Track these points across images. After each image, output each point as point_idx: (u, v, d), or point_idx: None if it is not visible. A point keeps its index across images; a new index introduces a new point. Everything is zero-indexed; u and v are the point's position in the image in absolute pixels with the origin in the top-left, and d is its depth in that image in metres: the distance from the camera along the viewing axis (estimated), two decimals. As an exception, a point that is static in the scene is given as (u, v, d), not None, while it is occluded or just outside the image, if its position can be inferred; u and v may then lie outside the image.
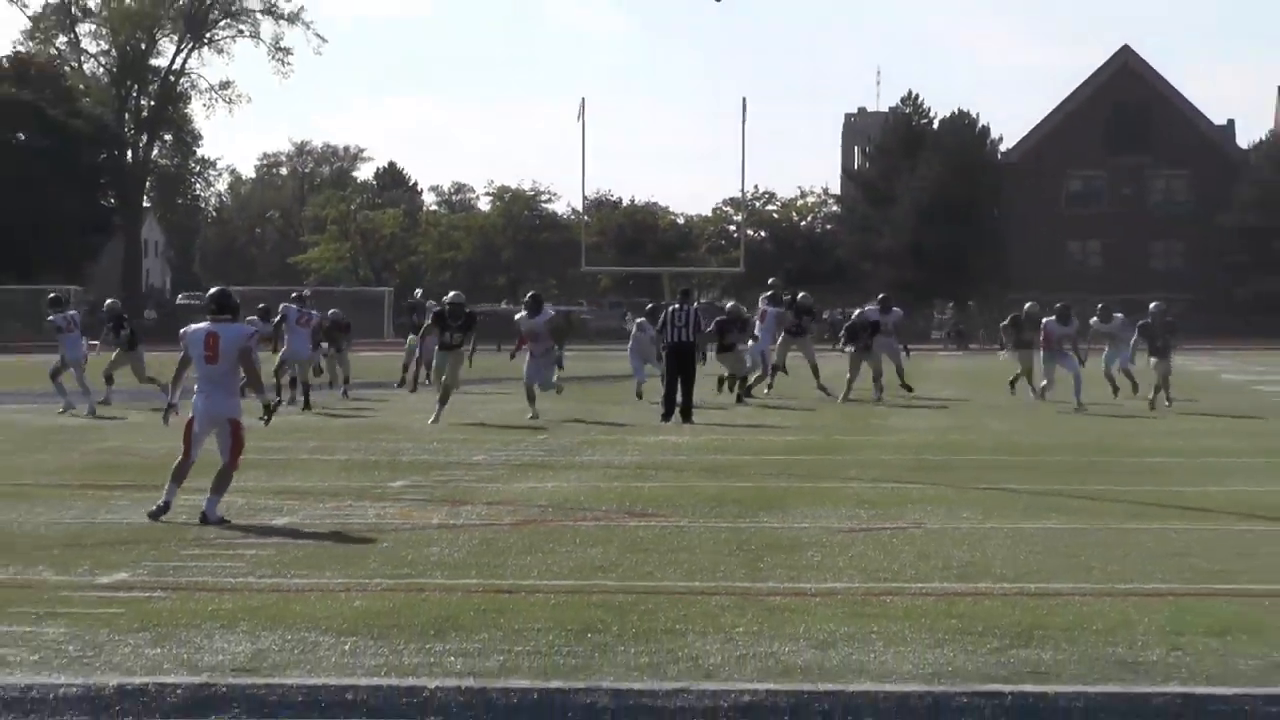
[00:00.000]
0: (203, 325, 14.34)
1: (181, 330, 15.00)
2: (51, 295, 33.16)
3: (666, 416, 25.61)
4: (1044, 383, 30.24)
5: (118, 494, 16.61)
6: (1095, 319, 31.20)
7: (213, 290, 15.52)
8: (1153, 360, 28.71)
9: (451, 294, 28.73)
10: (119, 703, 7.64)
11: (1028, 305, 32.41)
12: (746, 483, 17.83)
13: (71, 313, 30.61)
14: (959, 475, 18.85)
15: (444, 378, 25.54)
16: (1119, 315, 32.10)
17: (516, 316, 28.42)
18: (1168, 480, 18.28)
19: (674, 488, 17.47)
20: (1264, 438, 24.04)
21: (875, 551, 12.62)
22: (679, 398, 25.99)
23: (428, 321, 28.65)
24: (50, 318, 29.72)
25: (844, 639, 9.04)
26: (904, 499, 16.28)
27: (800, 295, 34.63)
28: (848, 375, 31.43)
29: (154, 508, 13.86)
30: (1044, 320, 29.50)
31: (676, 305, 28.02)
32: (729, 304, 35.10)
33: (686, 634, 9.16)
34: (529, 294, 29.43)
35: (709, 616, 9.77)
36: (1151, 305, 29.88)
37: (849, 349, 31.42)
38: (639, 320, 34.16)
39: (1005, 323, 33.18)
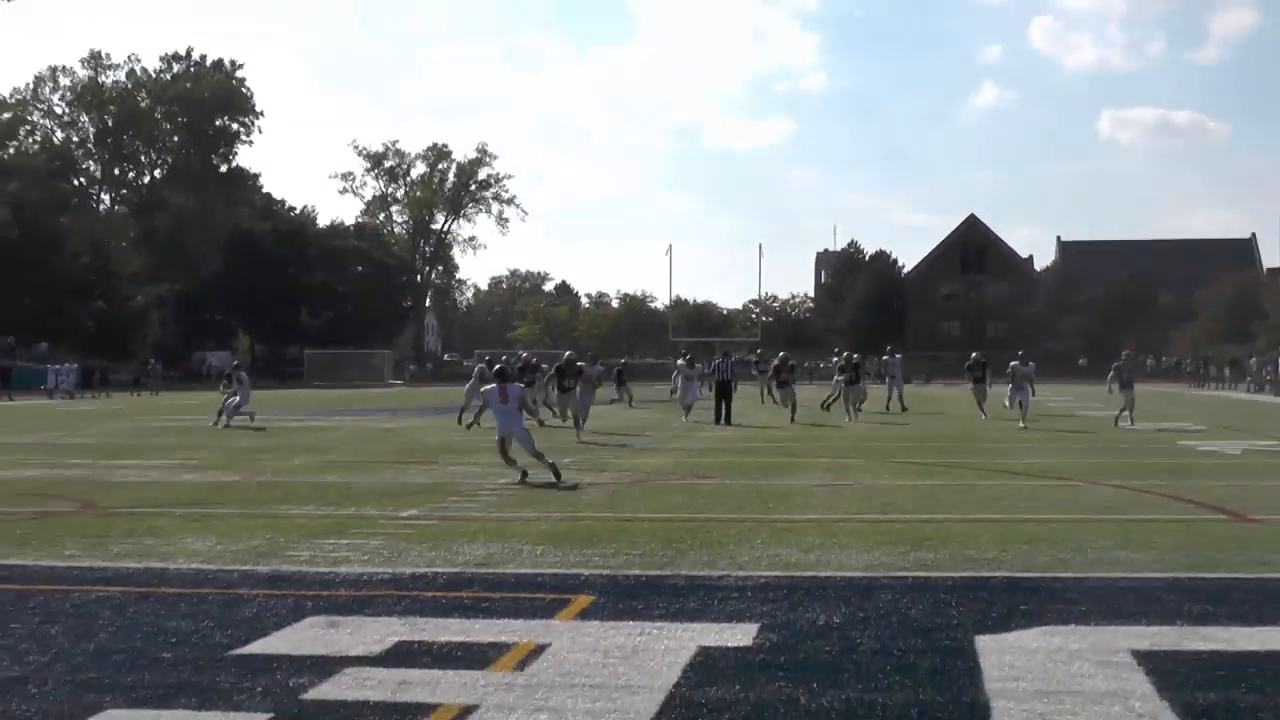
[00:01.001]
0: (493, 385, 19.61)
1: (482, 388, 21.80)
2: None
3: (716, 421, 34.10)
4: (1006, 403, 34.41)
5: (411, 467, 21.26)
6: (1015, 363, 34.49)
7: (497, 366, 21.23)
8: (1120, 390, 32.14)
9: (567, 353, 34.95)
10: (411, 583, 10.71)
11: (974, 354, 38.80)
12: (760, 459, 23.38)
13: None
14: (883, 455, 23.95)
15: (570, 409, 30.46)
16: (1032, 363, 35.63)
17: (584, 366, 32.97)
18: (1001, 457, 23.14)
19: (720, 461, 22.81)
20: (1066, 436, 28.10)
21: (834, 498, 17.03)
22: (725, 411, 34.48)
23: (551, 372, 33.48)
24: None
25: (818, 547, 12.45)
26: (849, 468, 21.26)
27: (782, 354, 41.99)
28: (849, 401, 36.49)
29: (518, 477, 18.84)
30: (1013, 363, 34.39)
31: (721, 359, 37.78)
32: (782, 354, 40.90)
33: (728, 544, 12.62)
34: (587, 356, 39.44)
35: (741, 535, 13.30)
36: (1124, 353, 34.17)
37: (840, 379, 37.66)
38: (679, 362, 42.41)
39: (969, 363, 38.38)
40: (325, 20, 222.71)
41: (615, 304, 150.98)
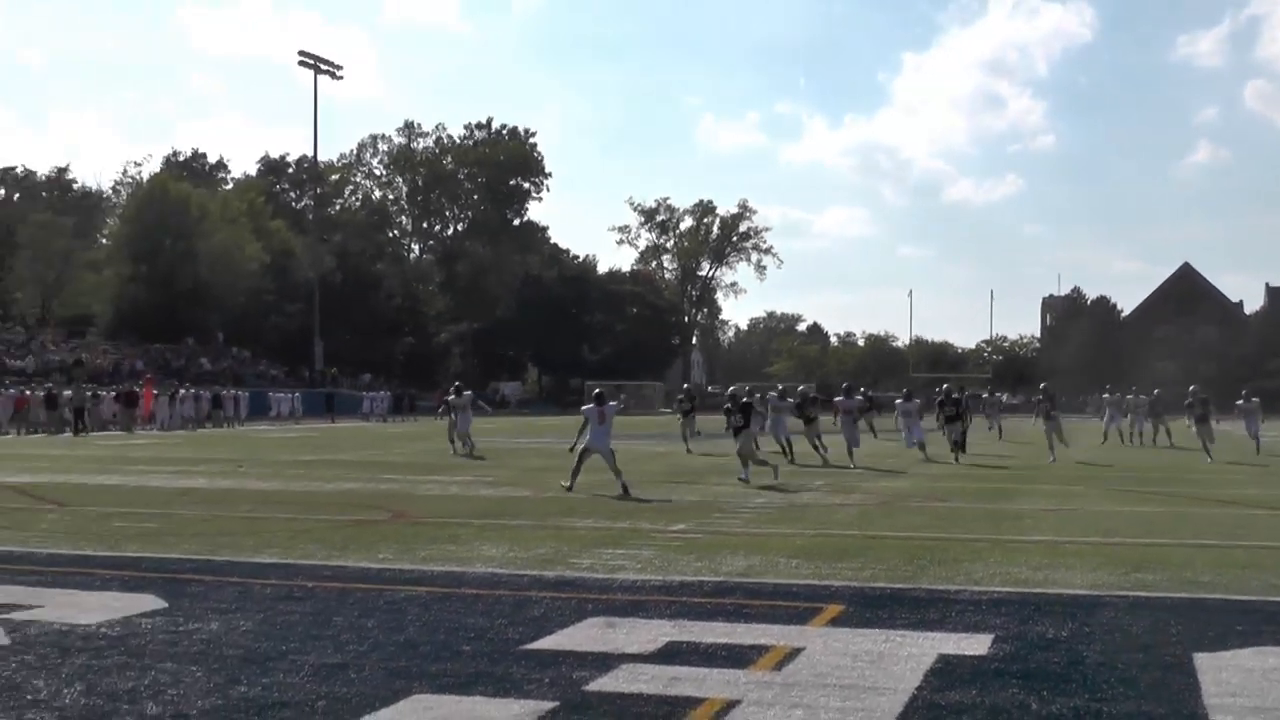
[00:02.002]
0: (592, 406, 20.59)
1: (582, 408, 21.44)
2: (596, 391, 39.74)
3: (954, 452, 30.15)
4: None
5: (680, 486, 21.40)
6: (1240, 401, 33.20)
7: (597, 390, 21.96)
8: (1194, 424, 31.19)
9: (799, 387, 34.42)
10: (680, 590, 10.82)
11: (1192, 389, 34.12)
12: (992, 485, 22.77)
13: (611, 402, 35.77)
14: (1104, 483, 22.98)
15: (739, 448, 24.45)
16: (1256, 399, 33.93)
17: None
18: (1214, 487, 22.06)
19: (955, 487, 22.22)
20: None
21: (1060, 521, 16.54)
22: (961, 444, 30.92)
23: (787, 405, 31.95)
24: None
25: (1046, 566, 12.23)
26: (1073, 495, 20.53)
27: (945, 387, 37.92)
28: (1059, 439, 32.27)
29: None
30: (1237, 401, 33.67)
31: (957, 394, 33.87)
32: (945, 386, 37.66)
33: (964, 561, 12.49)
34: (842, 388, 33.75)
35: (975, 553, 13.11)
36: (1191, 388, 32.30)
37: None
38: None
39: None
40: (604, 95, 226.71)
41: (861, 343, 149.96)
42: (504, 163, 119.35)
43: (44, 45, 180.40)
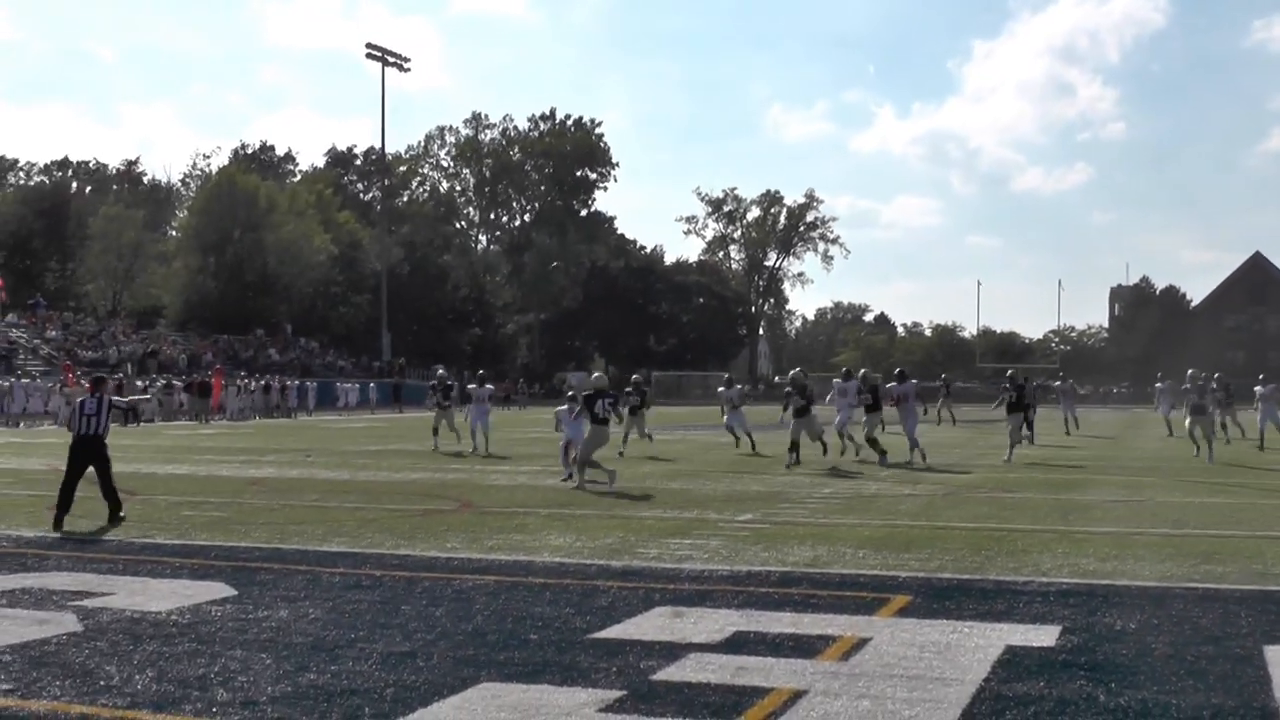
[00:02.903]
0: (565, 408, 20.64)
1: (556, 409, 21.46)
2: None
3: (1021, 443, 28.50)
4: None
5: (746, 476, 21.31)
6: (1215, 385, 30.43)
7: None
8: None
9: (862, 370, 30.76)
10: (747, 580, 10.81)
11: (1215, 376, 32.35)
12: (1060, 475, 22.43)
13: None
14: (1174, 474, 22.61)
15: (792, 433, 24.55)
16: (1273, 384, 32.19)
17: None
18: None
19: (1023, 477, 21.99)
20: None
21: (1128, 512, 16.34)
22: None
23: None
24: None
25: (1114, 557, 12.13)
26: (1143, 485, 20.24)
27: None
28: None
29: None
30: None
31: (1023, 381, 30.73)
32: (943, 376, 36.31)
33: (1031, 552, 12.38)
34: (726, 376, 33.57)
35: (1043, 544, 13.01)
36: (1189, 372, 28.83)
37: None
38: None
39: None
40: (672, 85, 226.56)
41: (928, 333, 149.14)
42: (570, 153, 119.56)
43: (116, 40, 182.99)
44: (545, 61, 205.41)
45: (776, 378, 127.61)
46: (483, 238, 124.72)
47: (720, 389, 31.93)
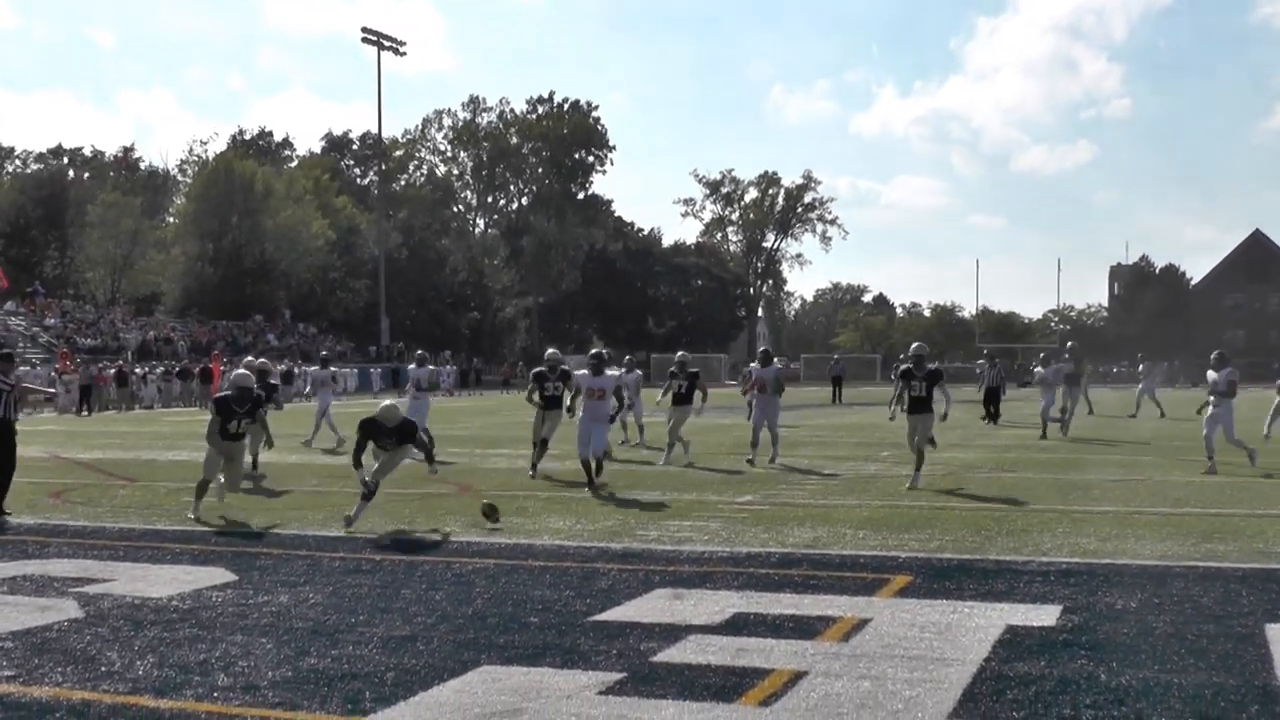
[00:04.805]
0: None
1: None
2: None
3: (986, 420, 29.89)
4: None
5: (733, 457, 21.13)
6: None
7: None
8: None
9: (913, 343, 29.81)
10: (747, 561, 10.82)
11: None
12: (1058, 455, 22.43)
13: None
14: (1173, 453, 22.62)
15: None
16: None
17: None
18: None
19: (1022, 457, 22.11)
20: None
21: (1128, 492, 16.30)
22: (994, 412, 30.56)
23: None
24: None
25: (1114, 536, 12.16)
26: (1141, 465, 20.26)
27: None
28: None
29: None
30: None
31: (987, 364, 32.37)
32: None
33: (1031, 532, 12.42)
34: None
35: (1043, 524, 13.05)
36: (1069, 344, 29.93)
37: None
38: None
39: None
40: (674, 67, 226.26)
41: (927, 314, 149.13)
42: (567, 136, 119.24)
43: (114, 25, 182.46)
44: (547, 42, 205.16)
45: (775, 360, 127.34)
46: (480, 221, 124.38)
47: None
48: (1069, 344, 29.69)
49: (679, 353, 24.70)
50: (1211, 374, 19.58)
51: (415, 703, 6.48)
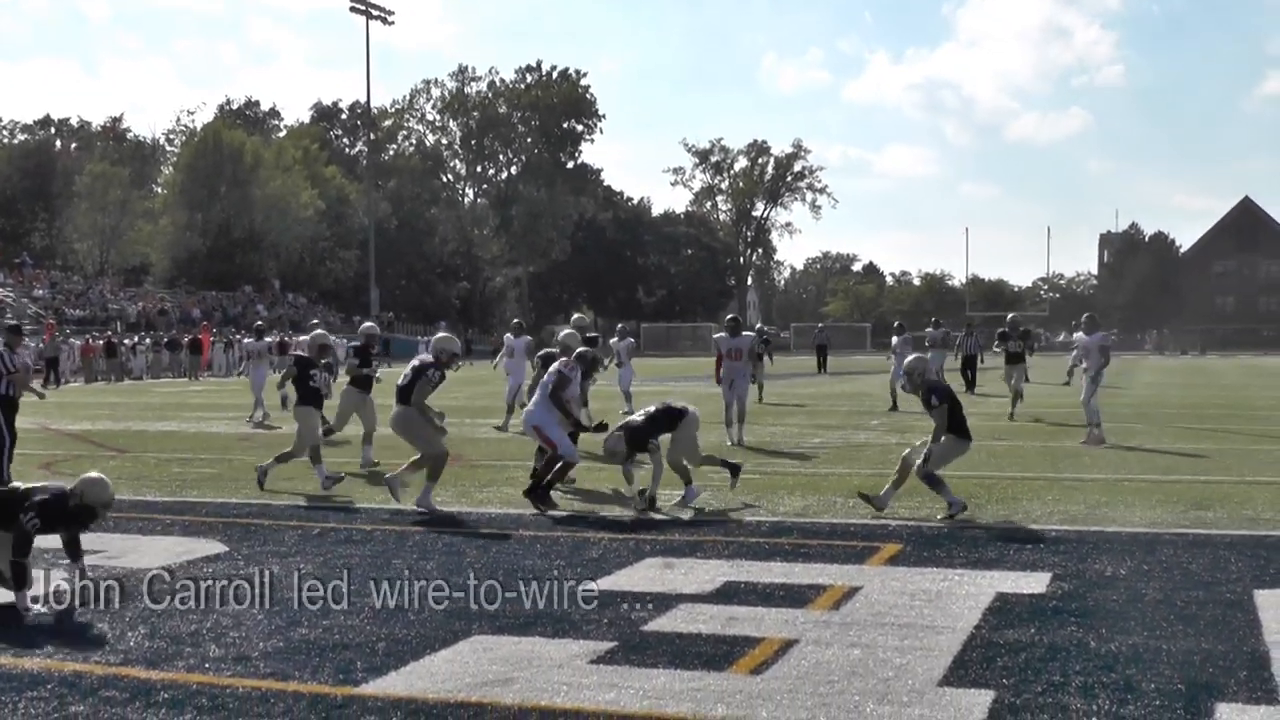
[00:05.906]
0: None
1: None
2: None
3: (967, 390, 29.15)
4: None
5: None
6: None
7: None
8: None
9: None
10: (737, 530, 10.81)
11: None
12: (1048, 424, 22.43)
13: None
14: (1164, 420, 22.98)
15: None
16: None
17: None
18: (1274, 424, 20.43)
19: (1011, 425, 21.91)
20: None
21: (1118, 459, 16.38)
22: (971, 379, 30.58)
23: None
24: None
25: (1104, 504, 12.20)
26: (1132, 433, 20.19)
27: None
28: None
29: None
30: None
31: (965, 333, 32.29)
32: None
33: (1021, 500, 12.46)
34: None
35: (1033, 491, 13.09)
36: (1010, 316, 29.05)
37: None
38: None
39: None
40: (665, 34, 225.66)
41: (917, 282, 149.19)
42: (556, 105, 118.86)
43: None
44: (536, 12, 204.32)
45: (763, 327, 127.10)
46: (470, 191, 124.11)
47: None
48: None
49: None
50: (1081, 336, 19.45)
51: (406, 672, 6.49)
